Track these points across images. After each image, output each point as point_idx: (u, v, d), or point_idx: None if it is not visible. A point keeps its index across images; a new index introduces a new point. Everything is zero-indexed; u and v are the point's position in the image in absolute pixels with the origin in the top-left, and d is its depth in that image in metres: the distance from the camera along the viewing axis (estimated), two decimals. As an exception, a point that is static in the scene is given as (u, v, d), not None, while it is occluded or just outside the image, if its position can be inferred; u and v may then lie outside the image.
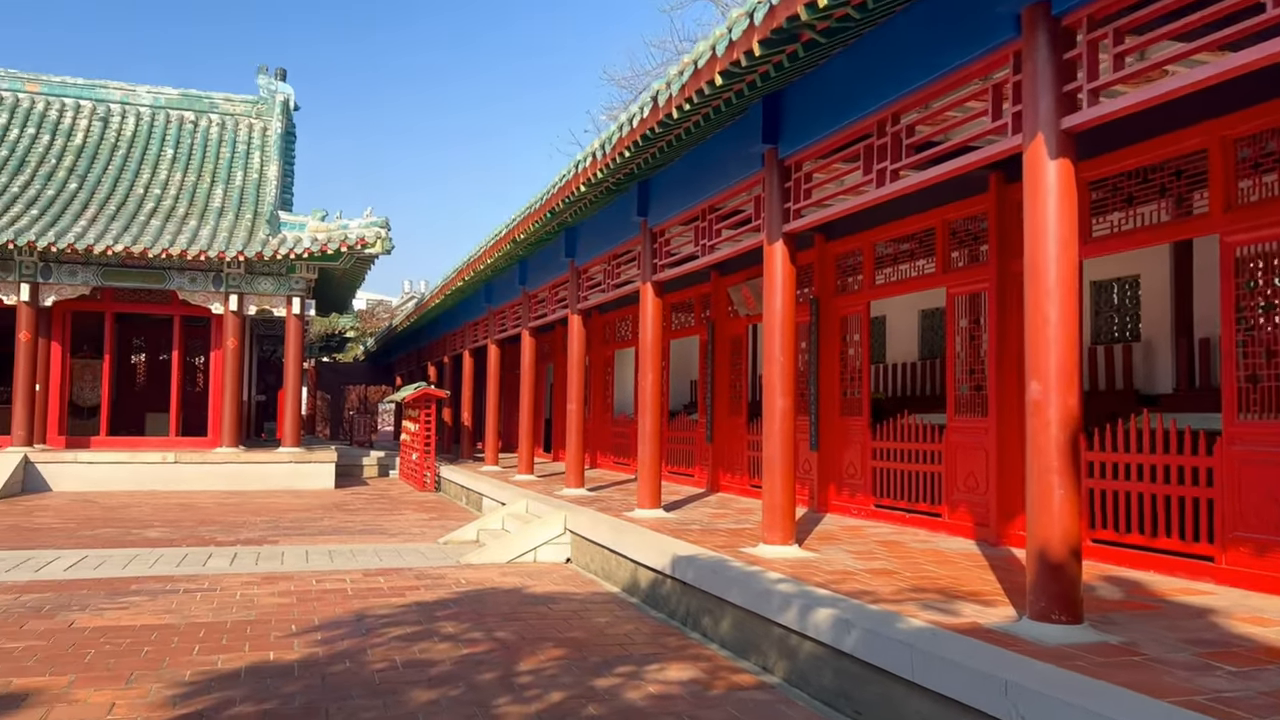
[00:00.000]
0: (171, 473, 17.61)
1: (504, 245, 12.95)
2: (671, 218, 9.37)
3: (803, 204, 7.04)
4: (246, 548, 10.41)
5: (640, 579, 7.74)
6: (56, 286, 17.72)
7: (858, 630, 4.74)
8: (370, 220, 18.57)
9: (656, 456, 9.81)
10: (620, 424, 16.74)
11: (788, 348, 7.13)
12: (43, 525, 12.01)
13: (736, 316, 12.39)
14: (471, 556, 9.64)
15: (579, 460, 12.37)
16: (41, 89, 22.19)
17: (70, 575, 8.46)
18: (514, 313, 16.30)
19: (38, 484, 16.80)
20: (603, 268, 11.55)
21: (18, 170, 19.85)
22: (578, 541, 9.49)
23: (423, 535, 11.72)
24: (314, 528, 12.22)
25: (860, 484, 9.62)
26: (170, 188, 20.64)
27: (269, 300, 19.02)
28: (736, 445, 12.23)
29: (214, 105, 23.41)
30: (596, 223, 11.55)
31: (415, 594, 7.79)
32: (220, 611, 6.99)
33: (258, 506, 14.78)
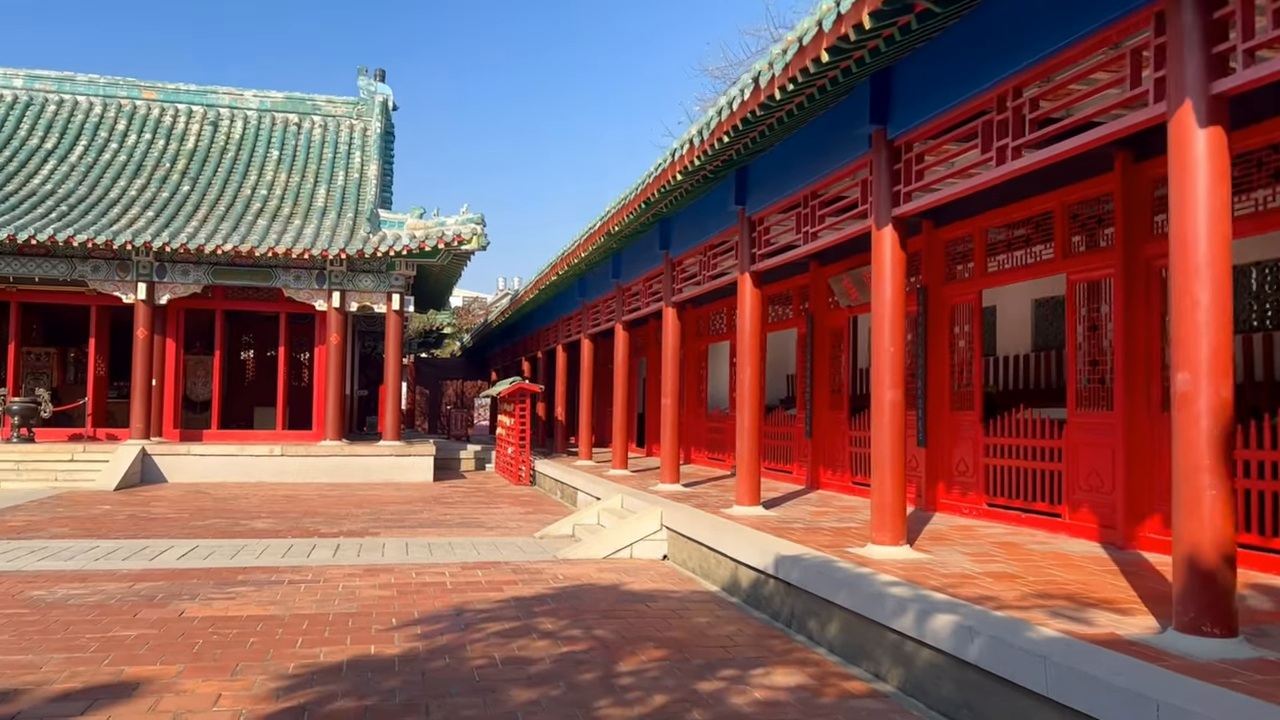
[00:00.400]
0: (278, 465, 18.13)
1: (598, 238, 12.84)
2: (770, 205, 9.08)
3: (913, 186, 6.68)
4: (349, 539, 10.55)
5: (741, 578, 7.50)
6: (170, 285, 18.42)
7: (982, 639, 4.42)
8: (466, 217, 18.74)
9: (755, 452, 9.54)
10: (715, 419, 16.49)
11: (898, 338, 6.78)
12: (158, 515, 12.44)
13: (837, 308, 12.00)
14: (568, 552, 9.55)
15: (674, 456, 12.18)
16: (157, 96, 23.14)
17: (182, 565, 8.68)
18: (607, 307, 16.20)
19: (154, 475, 17.50)
20: (698, 259, 11.32)
21: (135, 174, 20.72)
22: (675, 538, 9.30)
23: (519, 529, 11.71)
24: (413, 520, 12.34)
25: (971, 482, 9.17)
26: (276, 188, 21.26)
27: (370, 297, 19.40)
28: (837, 441, 11.85)
29: (316, 107, 24.03)
30: (692, 213, 11.33)
31: (513, 589, 7.72)
32: (323, 603, 7.04)
33: (359, 499, 15.05)
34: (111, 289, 18.14)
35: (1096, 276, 7.73)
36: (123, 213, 18.79)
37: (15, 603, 6.86)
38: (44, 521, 11.53)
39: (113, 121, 22.27)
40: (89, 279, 18.01)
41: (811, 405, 12.35)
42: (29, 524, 11.29)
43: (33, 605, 6.77)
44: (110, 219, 18.25)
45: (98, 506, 13.27)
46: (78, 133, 21.68)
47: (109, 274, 18.08)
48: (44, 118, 21.84)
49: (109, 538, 10.30)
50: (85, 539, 10.16)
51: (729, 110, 7.46)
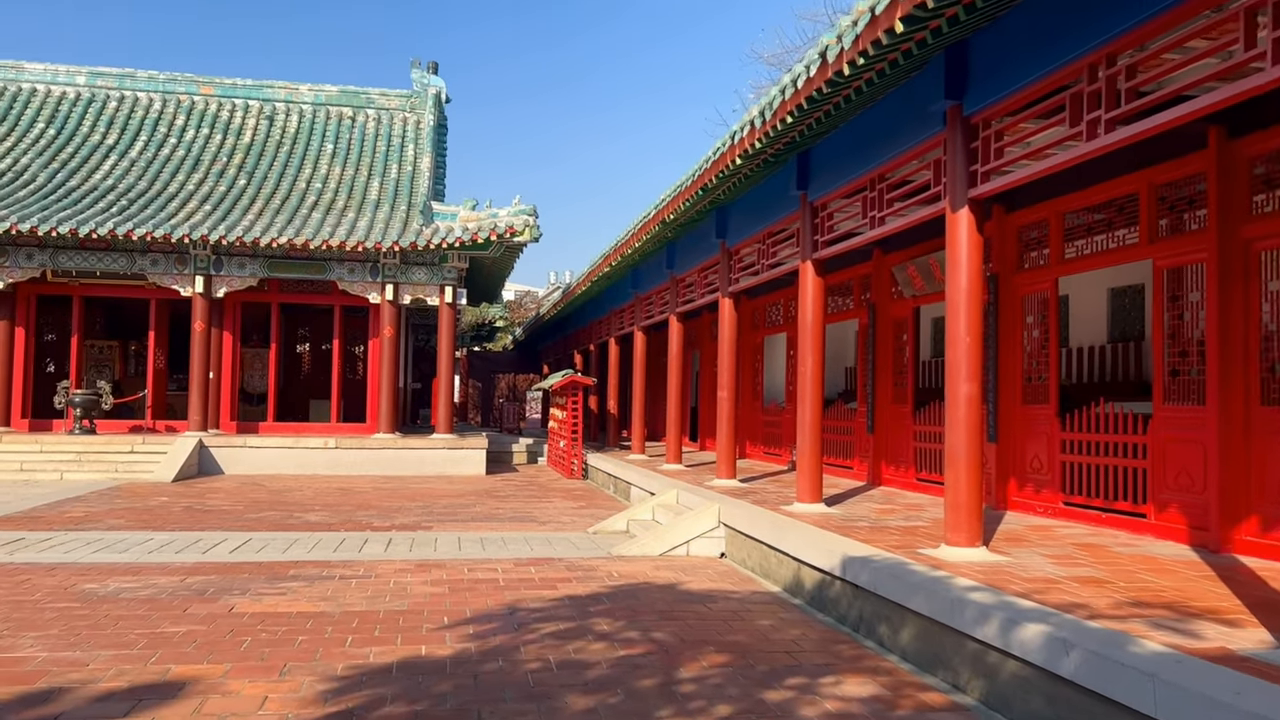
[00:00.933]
0: (332, 457, 18.18)
1: (652, 227, 12.55)
2: (834, 190, 8.71)
3: (990, 165, 6.27)
4: (401, 533, 10.42)
5: (804, 579, 7.17)
6: (227, 278, 18.55)
7: (1079, 652, 4.05)
8: (519, 208, 18.59)
9: (817, 448, 9.18)
10: (771, 413, 16.12)
11: (973, 327, 6.39)
12: (214, 508, 12.46)
13: (901, 298, 11.57)
14: (623, 548, 9.29)
15: (730, 450, 11.86)
16: (214, 91, 23.37)
17: (235, 558, 8.61)
18: (660, 298, 15.92)
19: (211, 467, 17.65)
20: (756, 248, 10.97)
21: (193, 169, 20.94)
22: (733, 536, 8.99)
23: (572, 524, 11.49)
24: (466, 514, 12.20)
25: (1046, 479, 8.71)
26: (330, 181, 21.33)
27: (423, 289, 19.36)
28: (900, 436, 11.43)
29: (370, 101, 24.09)
30: (750, 200, 10.99)
31: (567, 586, 7.49)
32: (374, 600, 6.87)
33: (412, 492, 14.98)
34: (170, 282, 18.33)
35: (1187, 261, 7.24)
36: (180, 207, 18.98)
37: (67, 596, 6.80)
38: (102, 513, 11.60)
39: (171, 117, 22.55)
40: (148, 272, 18.22)
41: (874, 399, 11.94)
42: (88, 515, 11.36)
43: (84, 599, 6.70)
44: (168, 213, 18.43)
45: (155, 498, 13.36)
46: (138, 128, 21.98)
47: (167, 267, 18.27)
48: (105, 114, 22.18)
49: (164, 530, 10.30)
50: (141, 531, 10.17)
51: (793, 89, 7.11)
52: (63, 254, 17.89)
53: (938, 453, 10.53)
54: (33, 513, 11.46)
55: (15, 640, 5.54)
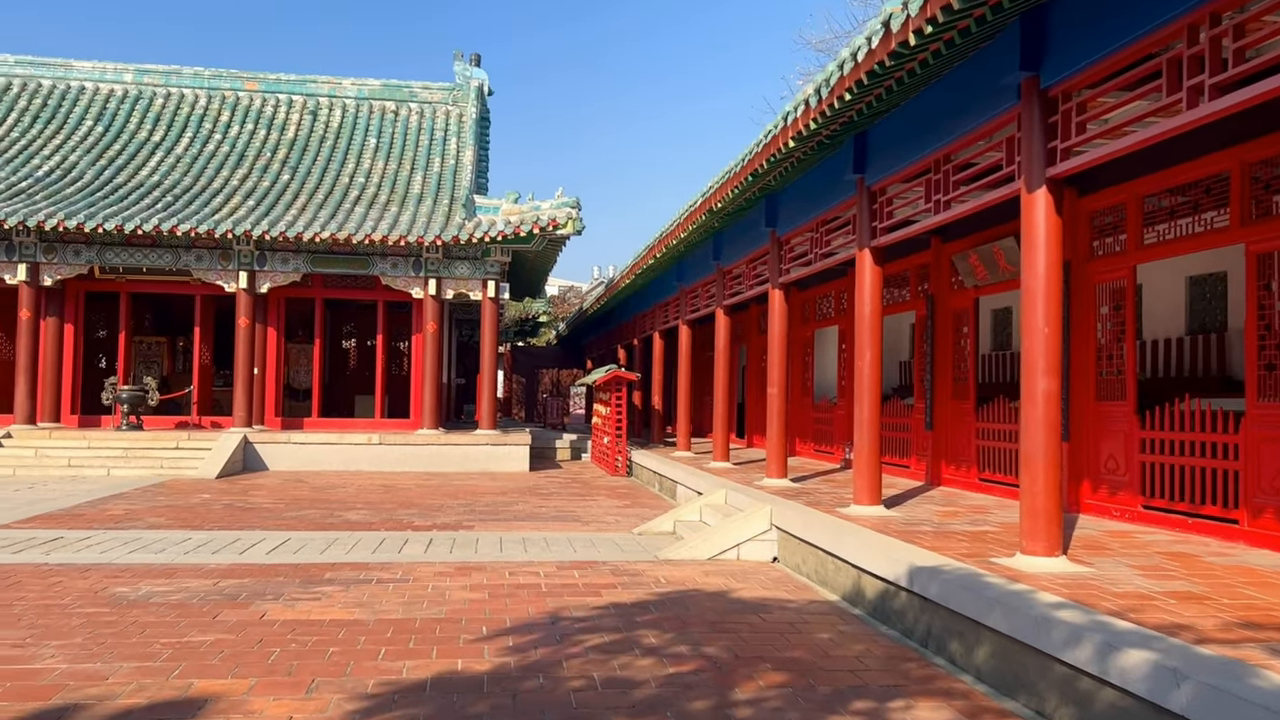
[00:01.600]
0: (375, 453, 18.03)
1: (698, 217, 12.11)
2: (894, 173, 8.21)
3: (1071, 142, 5.75)
4: (442, 533, 10.14)
5: (865, 588, 6.71)
6: (271, 274, 18.48)
7: (1192, 684, 3.57)
8: (561, 201, 18.26)
9: (875, 446, 8.70)
10: (822, 409, 15.60)
11: (1052, 318, 5.88)
12: (255, 505, 12.30)
13: (961, 288, 11.01)
14: (670, 551, 8.90)
15: (781, 448, 11.39)
16: (259, 86, 23.38)
17: (271, 559, 8.36)
18: (706, 291, 15.47)
19: (255, 463, 17.59)
20: (808, 237, 10.49)
21: (237, 164, 20.94)
22: (786, 539, 8.55)
23: (616, 524, 11.13)
24: (508, 513, 11.90)
25: (1123, 480, 8.14)
26: (373, 176, 21.20)
27: (465, 284, 19.13)
28: (961, 433, 10.88)
29: (413, 94, 23.93)
30: (802, 186, 10.51)
31: (612, 593, 7.11)
32: (410, 606, 6.55)
33: (455, 489, 14.74)
34: (214, 278, 18.30)
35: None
36: (225, 202, 18.95)
37: (97, 600, 6.58)
38: (143, 510, 11.49)
39: (216, 113, 22.59)
40: (193, 268, 18.21)
41: (932, 394, 11.40)
42: (128, 513, 11.25)
43: (113, 604, 6.47)
44: (213, 209, 18.40)
45: (197, 495, 13.25)
46: (184, 125, 22.05)
47: (211, 263, 18.25)
48: (152, 111, 22.28)
49: (203, 529, 10.13)
50: (180, 529, 10.01)
51: (853, 63, 6.64)
52: (109, 251, 17.94)
53: (1003, 451, 9.98)
54: (75, 510, 11.38)
55: (38, 649, 5.30)
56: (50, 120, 21.43)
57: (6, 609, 6.24)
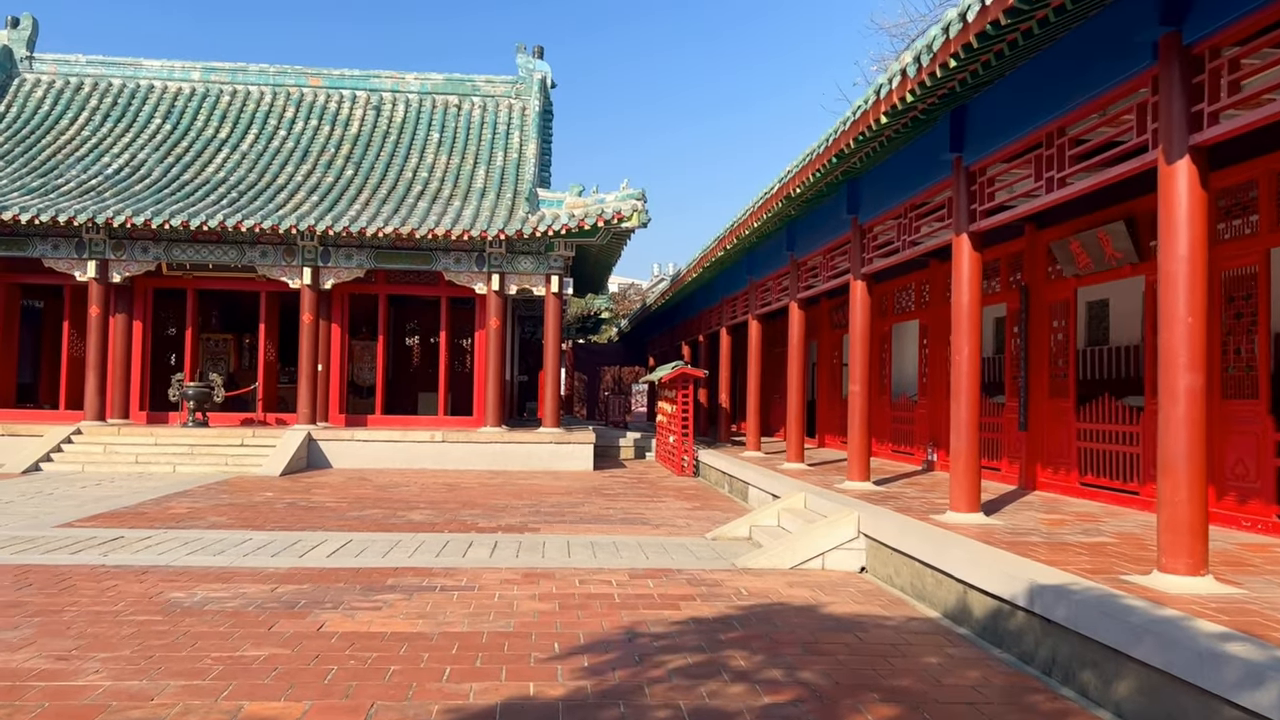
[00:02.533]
0: (439, 451, 17.76)
1: (774, 204, 11.50)
2: (996, 151, 7.52)
3: (1222, 104, 5.05)
4: (507, 535, 9.72)
5: (973, 605, 6.07)
6: (334, 269, 18.34)
7: None
8: (626, 193, 17.77)
9: (974, 448, 8.01)
10: (901, 407, 14.85)
11: (1197, 306, 5.18)
12: (317, 504, 12.04)
13: (1060, 278, 10.23)
14: (749, 559, 8.32)
15: (863, 449, 10.73)
16: (322, 82, 23.34)
17: (331, 563, 8.01)
18: (778, 284, 14.84)
19: (319, 461, 17.45)
20: (895, 223, 9.81)
21: (302, 160, 20.88)
22: (876, 549, 7.92)
23: (687, 528, 10.59)
24: (574, 514, 11.44)
25: (1253, 487, 7.35)
26: (436, 170, 20.98)
27: (529, 279, 18.76)
28: (1060, 434, 10.10)
29: (476, 88, 23.68)
30: (890, 169, 9.84)
31: (691, 606, 6.58)
32: (476, 618, 6.10)
33: (519, 488, 14.35)
34: (278, 274, 18.21)
35: None
36: (289, 198, 18.86)
37: (150, 607, 6.25)
38: (205, 509, 11.29)
39: (281, 109, 22.59)
40: (257, 264, 18.14)
41: (1027, 392, 10.63)
42: (191, 511, 11.05)
43: (167, 611, 6.14)
44: (277, 204, 18.32)
45: (260, 493, 13.06)
46: (249, 122, 22.08)
47: (276, 259, 18.16)
48: (219, 108, 22.37)
49: (264, 529, 9.85)
50: (240, 530, 9.74)
51: (961, 24, 5.99)
52: (176, 247, 17.96)
53: (1110, 454, 9.20)
54: (139, 508, 11.22)
55: (83, 663, 4.96)
56: (120, 119, 21.63)
57: (55, 616, 5.94)
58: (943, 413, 13.14)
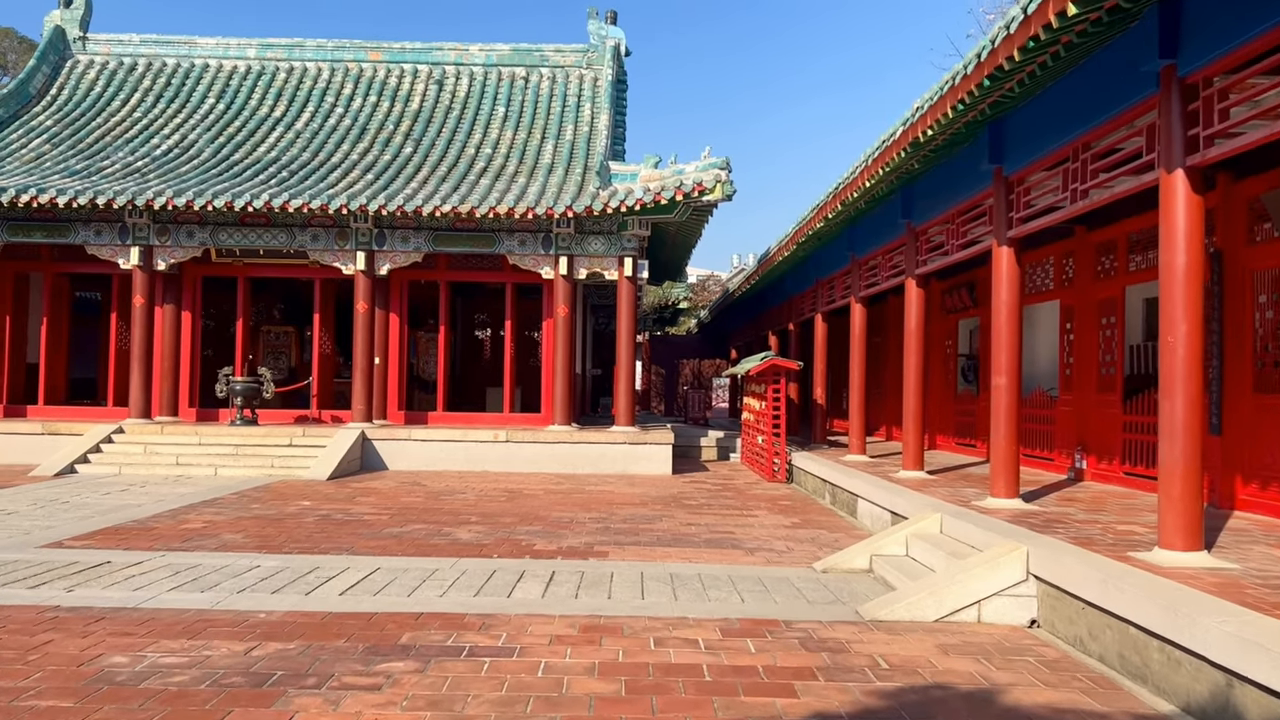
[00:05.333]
0: (503, 452, 16.12)
1: (894, 154, 9.40)
2: (1231, 50, 5.38)
3: None
4: (568, 562, 7.92)
5: (1243, 705, 4.00)
6: (390, 254, 16.83)
7: None
8: (708, 162, 15.81)
9: (1194, 462, 5.86)
10: (1034, 405, 12.56)
11: None
12: (355, 516, 10.44)
13: (1271, 239, 7.94)
14: (880, 607, 6.33)
15: (1011, 457, 8.61)
16: (382, 57, 21.96)
17: (341, 604, 6.30)
18: (889, 260, 12.71)
19: (374, 462, 15.97)
20: (1060, 171, 7.66)
21: (358, 138, 19.48)
22: (1056, 598, 5.86)
23: (788, 553, 8.64)
24: (649, 533, 9.58)
25: None
26: (501, 146, 19.35)
27: (600, 262, 16.97)
28: (1272, 439, 7.82)
29: (544, 58, 21.99)
30: (1048, 103, 7.71)
31: (812, 691, 4.65)
32: (509, 708, 4.29)
33: (587, 497, 12.55)
34: (331, 259, 16.79)
35: None
36: (342, 177, 17.44)
37: (73, 680, 4.60)
38: (225, 523, 9.77)
39: (339, 86, 21.26)
40: (309, 249, 16.75)
41: (1220, 386, 8.35)
42: (206, 526, 9.54)
43: (90, 689, 4.48)
44: (329, 184, 16.88)
45: (297, 502, 11.54)
46: (305, 99, 20.80)
47: (328, 243, 16.74)
48: (274, 86, 21.14)
49: (280, 551, 8.24)
50: (252, 552, 8.14)
51: None
52: (223, 231, 16.67)
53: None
54: (151, 521, 9.77)
55: (-98, 799, 3.28)
56: (173, 99, 20.56)
57: (-70, 699, 4.32)
58: (1094, 411, 10.90)
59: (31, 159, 17.67)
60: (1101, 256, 10.96)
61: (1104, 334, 10.87)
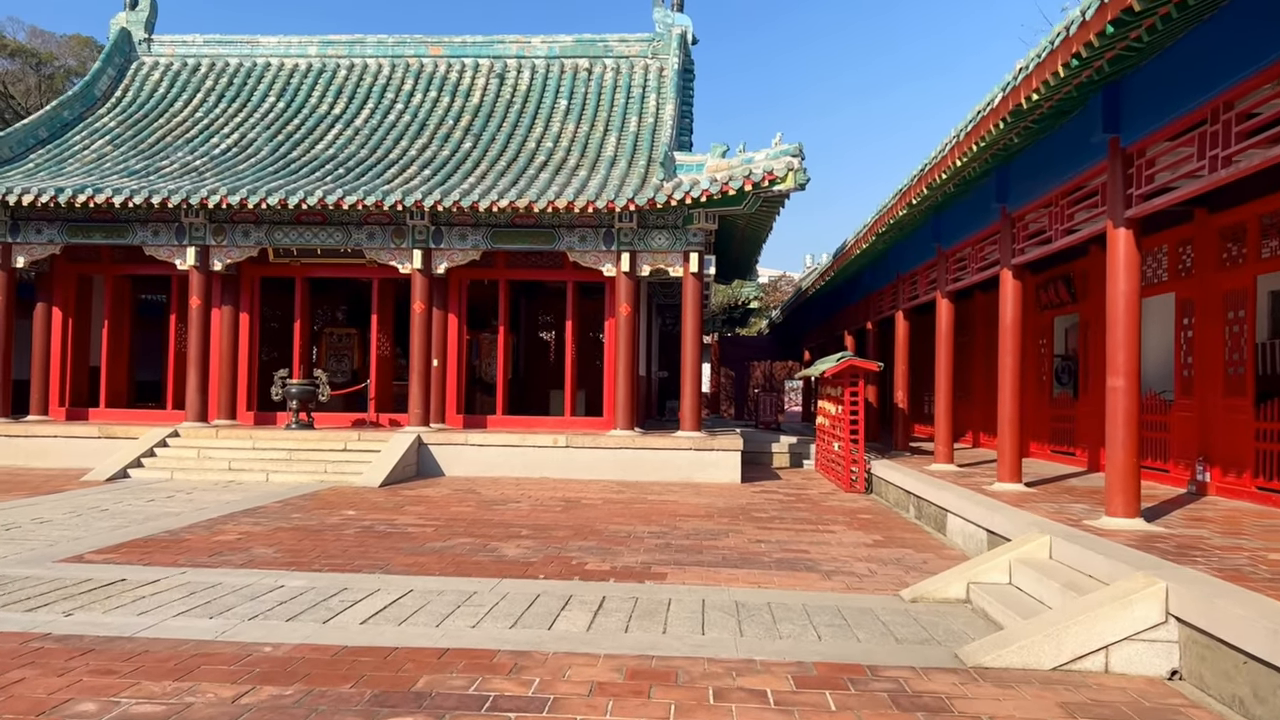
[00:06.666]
0: (564, 457, 15.36)
1: (988, 128, 8.32)
2: None
3: None
4: (620, 586, 7.08)
5: None
6: (448, 252, 16.23)
7: None
8: (780, 149, 14.81)
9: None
10: (1148, 409, 11.25)
11: None
12: (399, 528, 9.76)
13: None
14: (984, 652, 5.32)
15: (1131, 471, 7.47)
16: (443, 51, 21.46)
17: (360, 635, 5.55)
18: (980, 251, 11.57)
19: (430, 468, 15.37)
20: (1199, 133, 6.52)
21: (418, 134, 18.97)
22: (1208, 647, 4.79)
23: (871, 577, 7.66)
24: (713, 551, 8.68)
25: None
26: (563, 140, 18.63)
27: (664, 258, 16.11)
28: None
29: (608, 49, 21.22)
30: (1176, 60, 6.59)
31: (910, 771, 3.70)
32: (526, 793, 3.44)
33: (648, 508, 11.69)
34: (387, 258, 16.27)
35: None
36: (399, 173, 16.91)
37: (20, 737, 3.91)
38: (261, 535, 9.17)
39: (400, 82, 20.81)
40: (365, 247, 16.25)
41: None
42: (240, 539, 8.95)
43: (31, 751, 3.78)
44: (385, 180, 16.37)
45: (340, 512, 10.93)
46: (365, 96, 20.39)
47: (384, 241, 16.22)
48: (335, 84, 20.80)
49: (310, 568, 7.58)
50: (279, 570, 7.49)
51: None
52: (278, 230, 16.29)
53: None
54: (184, 532, 9.23)
55: None
56: (235, 99, 20.35)
57: None
58: (1219, 416, 9.64)
59: (93, 160, 17.56)
60: (1227, 242, 9.70)
61: (1231, 330, 9.60)
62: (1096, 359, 12.70)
